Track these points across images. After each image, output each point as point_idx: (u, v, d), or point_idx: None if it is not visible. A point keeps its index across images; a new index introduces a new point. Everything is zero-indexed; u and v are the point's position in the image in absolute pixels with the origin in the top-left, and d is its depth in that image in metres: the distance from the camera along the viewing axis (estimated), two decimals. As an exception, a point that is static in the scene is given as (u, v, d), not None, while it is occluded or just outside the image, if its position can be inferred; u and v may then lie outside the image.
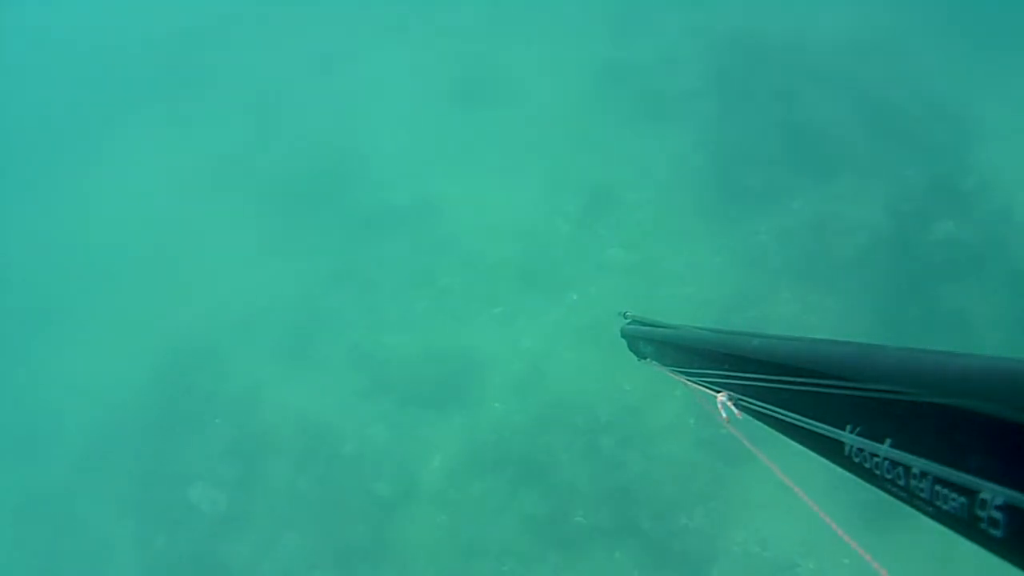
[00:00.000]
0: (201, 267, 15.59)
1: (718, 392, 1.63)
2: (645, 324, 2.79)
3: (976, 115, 13.40)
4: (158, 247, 16.37)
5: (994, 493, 0.72)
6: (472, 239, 14.35)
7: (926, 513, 0.87)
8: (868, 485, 1.01)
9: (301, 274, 14.68)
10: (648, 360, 2.67)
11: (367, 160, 16.47)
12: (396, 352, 12.89)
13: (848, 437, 1.03)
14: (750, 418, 1.49)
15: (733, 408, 1.56)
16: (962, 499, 0.78)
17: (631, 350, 2.92)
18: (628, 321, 2.96)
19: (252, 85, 18.91)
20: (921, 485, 0.86)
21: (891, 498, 0.95)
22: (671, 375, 2.21)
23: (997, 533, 0.72)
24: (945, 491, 0.81)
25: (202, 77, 19.67)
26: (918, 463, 0.87)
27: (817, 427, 1.12)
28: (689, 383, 1.94)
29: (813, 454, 1.19)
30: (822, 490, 8.36)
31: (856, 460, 1.02)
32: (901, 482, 0.90)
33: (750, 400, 1.44)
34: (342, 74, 18.74)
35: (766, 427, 1.37)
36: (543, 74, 16.91)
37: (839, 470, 1.10)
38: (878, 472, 0.96)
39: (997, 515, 0.72)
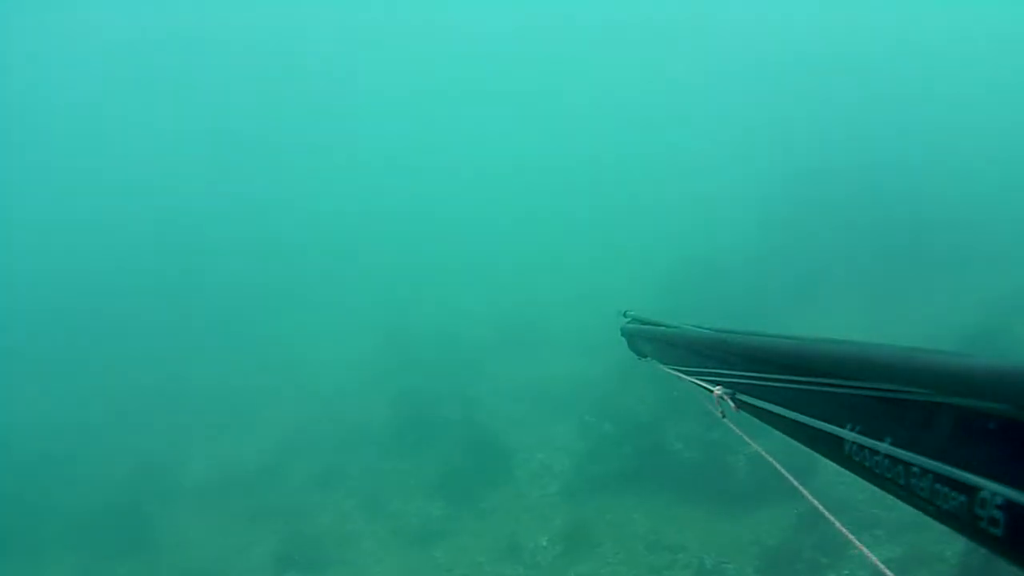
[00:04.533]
0: None
1: (714, 388, 1.60)
2: (645, 323, 2.76)
3: None
4: None
5: (994, 492, 0.71)
6: None
7: (926, 512, 0.85)
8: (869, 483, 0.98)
9: None
10: (648, 358, 2.67)
11: None
12: None
13: (848, 435, 1.02)
14: (747, 414, 1.46)
15: (730, 403, 1.54)
16: (962, 498, 0.76)
17: (631, 349, 2.91)
18: (628, 320, 2.93)
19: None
20: (921, 484, 0.85)
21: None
22: (670, 372, 2.17)
23: (997, 532, 0.71)
24: (945, 490, 0.80)
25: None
26: (918, 461, 0.85)
27: (816, 425, 1.11)
28: (688, 380, 1.92)
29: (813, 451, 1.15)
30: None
31: (856, 458, 1.00)
32: (901, 481, 0.89)
33: (748, 397, 1.43)
34: None
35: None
36: None
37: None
38: (878, 471, 0.94)
39: (997, 514, 0.70)
